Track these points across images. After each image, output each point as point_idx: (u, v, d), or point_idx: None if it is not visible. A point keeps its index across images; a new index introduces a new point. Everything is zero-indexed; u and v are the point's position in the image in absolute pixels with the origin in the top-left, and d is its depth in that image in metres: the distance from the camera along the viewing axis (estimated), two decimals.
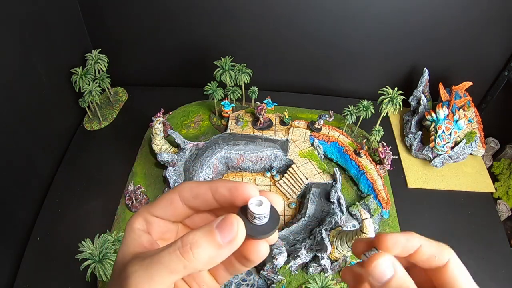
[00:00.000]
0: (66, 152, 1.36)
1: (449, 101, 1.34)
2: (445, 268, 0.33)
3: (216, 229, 0.27)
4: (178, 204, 0.31)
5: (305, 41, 1.45)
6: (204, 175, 1.22)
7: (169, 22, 1.41)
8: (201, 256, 0.26)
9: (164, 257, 0.26)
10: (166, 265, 0.26)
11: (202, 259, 0.26)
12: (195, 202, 0.31)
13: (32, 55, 1.16)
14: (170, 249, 0.26)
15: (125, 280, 0.27)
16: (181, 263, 0.26)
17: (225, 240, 0.27)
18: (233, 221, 0.27)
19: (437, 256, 0.33)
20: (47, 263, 1.09)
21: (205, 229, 0.27)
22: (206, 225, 0.28)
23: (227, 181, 0.30)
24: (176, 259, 0.26)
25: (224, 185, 0.30)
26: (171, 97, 1.52)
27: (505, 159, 1.43)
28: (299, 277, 1.08)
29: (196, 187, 0.31)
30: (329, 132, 1.37)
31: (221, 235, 0.27)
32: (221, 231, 0.27)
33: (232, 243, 0.27)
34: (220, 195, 0.30)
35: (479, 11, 1.32)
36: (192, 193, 0.31)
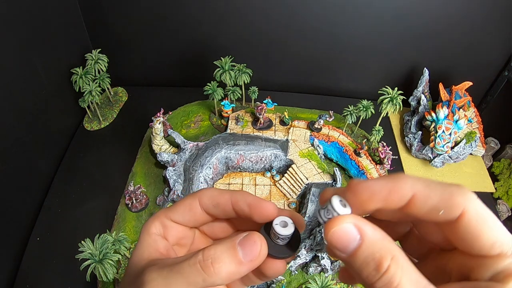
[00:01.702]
0: (66, 152, 1.36)
1: (449, 101, 1.34)
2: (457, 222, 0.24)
3: (238, 245, 0.27)
4: (198, 211, 0.31)
5: (305, 41, 1.45)
6: (204, 175, 1.22)
7: (169, 22, 1.41)
8: (221, 272, 0.26)
9: (184, 269, 0.26)
10: (185, 277, 0.26)
11: (222, 274, 0.26)
12: (215, 210, 0.30)
13: (32, 55, 1.16)
14: (191, 261, 0.26)
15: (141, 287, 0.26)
16: (201, 276, 0.26)
17: (247, 258, 0.26)
18: (256, 241, 0.27)
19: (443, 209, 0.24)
20: (47, 263, 1.09)
21: (228, 245, 0.27)
22: (229, 241, 0.27)
23: (249, 195, 0.30)
24: (196, 272, 0.26)
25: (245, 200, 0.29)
26: (171, 97, 1.52)
27: (505, 159, 1.43)
28: (299, 277, 1.08)
29: (218, 196, 0.30)
30: (329, 132, 1.37)
31: (243, 253, 0.26)
32: (243, 248, 0.26)
33: (254, 262, 0.27)
34: (240, 209, 0.30)
35: (479, 11, 1.32)
36: (213, 202, 0.30)
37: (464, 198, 0.24)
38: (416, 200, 0.24)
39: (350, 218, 0.24)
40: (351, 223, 0.24)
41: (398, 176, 0.25)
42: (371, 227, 0.24)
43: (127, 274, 0.29)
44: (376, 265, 0.23)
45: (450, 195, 0.24)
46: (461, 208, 0.23)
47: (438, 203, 0.24)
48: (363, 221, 0.24)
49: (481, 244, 0.23)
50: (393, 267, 0.23)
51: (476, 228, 0.23)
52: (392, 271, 0.22)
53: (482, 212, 0.24)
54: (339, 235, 0.24)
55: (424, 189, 0.24)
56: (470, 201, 0.24)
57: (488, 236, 0.23)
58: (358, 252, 0.24)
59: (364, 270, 0.24)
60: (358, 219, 0.25)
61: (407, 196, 0.24)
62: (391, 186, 0.24)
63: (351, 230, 0.24)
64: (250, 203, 0.29)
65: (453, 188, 0.24)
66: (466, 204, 0.23)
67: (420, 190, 0.24)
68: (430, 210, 0.24)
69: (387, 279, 0.22)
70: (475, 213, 0.23)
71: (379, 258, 0.23)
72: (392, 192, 0.24)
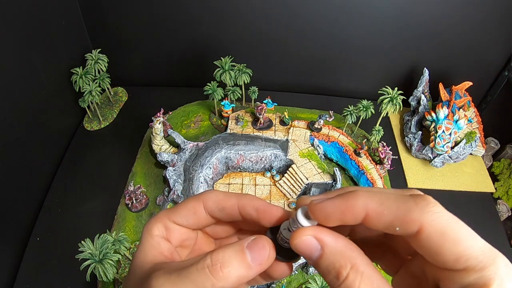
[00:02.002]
0: (66, 152, 1.36)
1: (449, 101, 1.34)
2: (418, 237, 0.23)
3: (246, 249, 0.26)
4: (202, 214, 0.30)
5: (305, 41, 1.45)
6: (204, 175, 1.22)
7: (169, 22, 1.41)
8: (231, 276, 0.26)
9: (192, 273, 0.25)
10: (194, 282, 0.25)
11: (231, 279, 0.26)
12: (220, 214, 0.30)
13: (32, 55, 1.16)
14: (199, 266, 0.26)
15: None
16: (210, 281, 0.25)
17: (256, 262, 0.26)
18: (265, 245, 0.27)
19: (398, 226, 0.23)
20: (47, 263, 1.09)
21: (236, 249, 0.26)
22: (236, 244, 0.27)
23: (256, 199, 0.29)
24: (205, 276, 0.25)
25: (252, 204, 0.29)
26: (171, 97, 1.52)
27: (505, 159, 1.43)
28: (299, 277, 1.08)
29: (224, 200, 0.30)
30: (329, 132, 1.37)
31: (252, 257, 0.26)
32: (252, 252, 0.26)
33: (263, 265, 0.27)
34: (247, 214, 0.29)
35: (479, 11, 1.32)
36: (218, 206, 0.30)
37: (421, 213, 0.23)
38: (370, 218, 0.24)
39: (311, 230, 0.26)
40: (310, 235, 0.25)
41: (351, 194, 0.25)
42: (333, 238, 0.25)
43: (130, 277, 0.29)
44: (336, 273, 0.24)
45: (405, 211, 0.23)
46: (417, 224, 0.23)
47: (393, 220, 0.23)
48: (324, 232, 0.25)
49: (444, 259, 0.23)
50: (352, 275, 0.23)
51: (437, 243, 0.23)
52: (351, 279, 0.23)
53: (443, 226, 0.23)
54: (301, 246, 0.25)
55: (378, 207, 0.24)
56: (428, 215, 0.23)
57: (450, 251, 0.23)
58: (320, 261, 0.25)
59: (326, 277, 0.25)
60: (319, 230, 0.25)
61: (360, 215, 0.24)
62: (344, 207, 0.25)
63: (311, 241, 0.25)
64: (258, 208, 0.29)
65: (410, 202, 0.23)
66: (423, 220, 0.23)
67: (373, 208, 0.24)
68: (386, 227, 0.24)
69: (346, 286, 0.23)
70: (434, 228, 0.23)
71: (339, 267, 0.24)
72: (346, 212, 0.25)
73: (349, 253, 0.24)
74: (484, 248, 0.23)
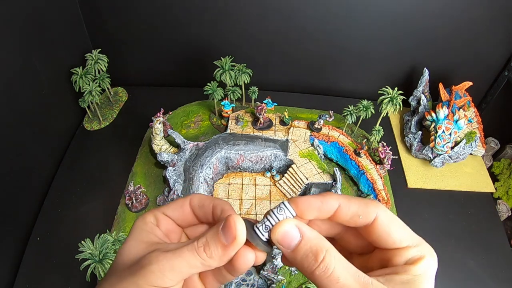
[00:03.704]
0: (66, 152, 1.36)
1: (449, 101, 1.34)
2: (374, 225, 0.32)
3: (221, 230, 0.31)
4: (187, 209, 0.36)
5: (305, 41, 1.45)
6: (204, 175, 1.22)
7: (169, 22, 1.41)
8: (213, 255, 0.31)
9: (184, 253, 0.31)
10: (186, 260, 0.30)
11: (215, 257, 0.31)
12: (199, 210, 0.35)
13: (32, 55, 1.16)
14: (189, 247, 0.31)
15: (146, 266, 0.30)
16: (198, 260, 0.31)
17: (228, 240, 0.31)
18: (230, 223, 0.31)
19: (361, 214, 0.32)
20: (47, 263, 1.09)
21: (213, 232, 0.31)
22: (214, 227, 0.32)
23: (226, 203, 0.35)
24: (194, 256, 0.30)
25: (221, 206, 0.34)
26: (171, 97, 1.52)
27: (505, 159, 1.43)
28: (299, 277, 1.08)
29: (204, 199, 0.35)
30: (329, 132, 1.37)
31: (225, 236, 0.31)
32: (224, 232, 0.31)
33: (235, 242, 0.31)
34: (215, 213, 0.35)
35: (479, 11, 1.32)
36: (199, 202, 0.35)
37: (376, 207, 0.32)
38: (341, 209, 0.32)
39: (293, 220, 0.31)
40: (293, 224, 0.31)
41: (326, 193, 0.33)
42: (309, 228, 0.31)
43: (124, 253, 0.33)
44: (314, 255, 0.29)
45: (365, 205, 0.32)
46: (374, 213, 0.32)
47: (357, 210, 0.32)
48: (302, 223, 0.31)
49: (392, 239, 0.31)
50: (328, 257, 0.29)
51: (387, 228, 0.31)
52: (327, 260, 0.29)
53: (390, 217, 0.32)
54: (283, 234, 0.31)
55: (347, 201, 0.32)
56: (381, 209, 0.32)
57: (396, 233, 0.31)
58: (299, 247, 0.30)
59: (304, 261, 0.30)
60: (298, 221, 0.31)
61: (334, 206, 0.32)
62: (322, 199, 0.32)
63: (293, 229, 0.31)
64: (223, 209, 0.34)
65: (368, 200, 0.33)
66: (378, 211, 0.32)
67: (344, 202, 0.32)
68: (352, 217, 0.32)
69: (324, 266, 0.29)
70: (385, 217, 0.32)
71: (316, 250, 0.30)
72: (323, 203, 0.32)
73: (323, 241, 0.30)
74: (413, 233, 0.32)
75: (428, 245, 0.32)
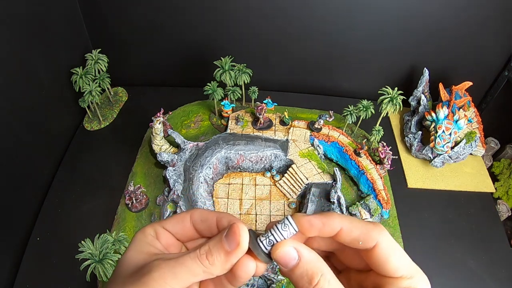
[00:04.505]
0: (66, 152, 1.36)
1: (449, 101, 1.34)
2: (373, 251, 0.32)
3: (224, 238, 0.31)
4: (187, 223, 0.35)
5: (305, 41, 1.45)
6: (204, 175, 1.22)
7: (169, 22, 1.41)
8: (215, 263, 0.31)
9: (187, 261, 0.31)
10: (188, 268, 0.31)
11: (216, 265, 0.31)
12: (201, 225, 0.35)
13: (32, 55, 1.16)
14: (191, 255, 0.31)
15: (148, 274, 0.30)
16: (200, 267, 0.31)
17: (231, 247, 0.31)
18: (235, 230, 0.31)
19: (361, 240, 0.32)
20: (47, 263, 1.09)
21: (217, 239, 0.32)
22: (218, 235, 0.32)
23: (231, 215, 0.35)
24: (196, 264, 0.31)
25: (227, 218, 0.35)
26: (171, 97, 1.52)
27: (505, 159, 1.43)
28: None
29: (207, 213, 0.35)
30: (329, 132, 1.37)
31: (228, 243, 0.31)
32: (227, 239, 0.31)
33: (238, 249, 0.31)
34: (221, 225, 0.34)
35: (479, 11, 1.32)
36: (201, 216, 0.35)
37: (378, 234, 0.32)
38: (342, 232, 0.32)
39: (292, 242, 0.31)
40: (292, 246, 0.31)
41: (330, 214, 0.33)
42: (307, 250, 0.31)
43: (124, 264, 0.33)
44: (309, 279, 0.30)
45: (367, 231, 0.32)
46: (375, 241, 0.31)
47: (358, 236, 0.32)
48: (301, 245, 0.32)
49: (388, 268, 0.31)
50: (322, 282, 0.30)
51: (385, 256, 0.31)
52: (321, 285, 0.30)
53: (390, 245, 0.32)
54: (283, 254, 0.31)
55: (349, 225, 0.32)
56: (382, 236, 0.32)
57: (394, 263, 0.31)
58: (295, 268, 0.31)
59: (299, 282, 0.31)
60: (298, 243, 0.32)
61: (336, 229, 0.32)
62: (325, 221, 0.32)
63: (291, 251, 0.31)
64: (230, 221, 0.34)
65: (370, 225, 0.32)
66: (379, 239, 0.32)
67: (346, 225, 0.32)
68: (352, 241, 0.32)
69: None
70: (385, 245, 0.32)
71: (311, 274, 0.30)
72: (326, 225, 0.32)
73: (319, 264, 0.31)
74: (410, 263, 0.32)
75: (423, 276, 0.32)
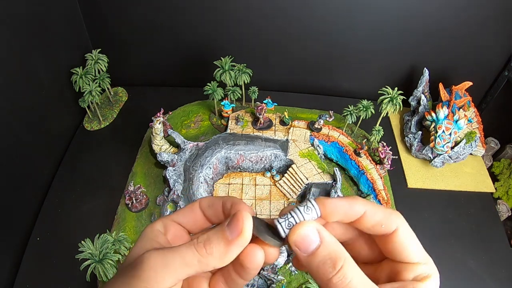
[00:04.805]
0: (66, 152, 1.36)
1: (449, 101, 1.34)
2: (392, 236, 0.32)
3: (226, 226, 0.30)
4: (197, 212, 0.35)
5: (305, 41, 1.45)
6: (204, 175, 1.22)
7: (169, 22, 1.41)
8: (213, 252, 0.29)
9: (181, 250, 0.29)
10: (182, 256, 0.29)
11: (214, 254, 0.29)
12: (209, 210, 0.35)
13: (32, 55, 1.16)
14: (187, 244, 0.30)
15: (139, 264, 0.29)
16: (196, 257, 0.29)
17: (233, 235, 0.29)
18: (238, 217, 0.29)
19: (384, 224, 0.32)
20: (47, 263, 1.09)
21: (218, 228, 0.30)
22: (220, 225, 0.31)
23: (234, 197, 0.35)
24: (191, 253, 0.29)
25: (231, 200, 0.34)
26: (171, 97, 1.52)
27: (505, 159, 1.43)
28: (299, 277, 1.08)
29: (213, 199, 0.35)
30: (329, 132, 1.37)
31: (229, 231, 0.29)
32: (229, 226, 0.30)
33: (240, 238, 0.29)
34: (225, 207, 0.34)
35: (479, 11, 1.32)
36: (209, 202, 0.35)
37: (398, 218, 0.32)
38: (366, 216, 0.32)
39: (314, 223, 0.30)
40: (314, 227, 0.30)
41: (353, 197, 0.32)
42: (329, 234, 0.30)
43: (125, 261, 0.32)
44: (333, 263, 0.29)
45: (389, 215, 0.32)
46: (396, 225, 0.32)
47: (381, 219, 0.32)
48: (322, 227, 0.30)
49: (407, 253, 0.32)
50: (346, 266, 0.28)
51: (405, 241, 0.32)
52: (345, 269, 0.28)
53: (409, 231, 0.32)
54: (304, 236, 0.29)
55: (372, 208, 0.32)
56: (402, 221, 0.32)
57: (412, 248, 0.32)
58: (317, 251, 0.29)
59: (321, 268, 0.29)
60: (319, 225, 0.30)
61: (360, 212, 0.32)
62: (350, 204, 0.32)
63: (313, 233, 0.29)
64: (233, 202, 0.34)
65: (391, 210, 0.33)
66: (399, 223, 0.32)
67: (370, 208, 0.32)
68: (375, 224, 0.32)
69: (342, 275, 0.28)
70: (404, 230, 0.32)
71: (335, 257, 0.29)
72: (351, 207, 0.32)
73: (342, 249, 0.30)
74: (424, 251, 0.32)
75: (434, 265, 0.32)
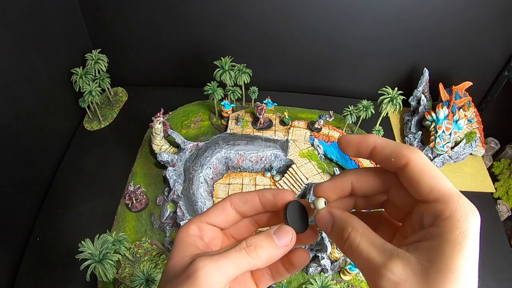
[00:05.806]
0: (66, 152, 1.36)
1: (449, 101, 1.34)
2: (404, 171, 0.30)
3: (274, 235, 0.33)
4: (229, 210, 0.37)
5: (305, 41, 1.45)
6: (204, 175, 1.22)
7: (169, 22, 1.41)
8: (263, 255, 0.32)
9: (231, 254, 0.32)
10: (233, 260, 0.31)
11: (263, 257, 0.32)
12: (244, 207, 0.37)
13: (32, 55, 1.16)
14: (237, 248, 0.32)
15: (194, 273, 0.30)
16: (246, 259, 0.32)
17: (282, 244, 0.33)
18: (288, 230, 0.34)
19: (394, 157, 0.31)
20: (47, 263, 1.09)
21: (266, 234, 0.33)
22: (265, 232, 0.34)
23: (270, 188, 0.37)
24: (242, 256, 0.32)
25: (270, 191, 0.37)
26: (171, 97, 1.52)
27: (505, 159, 1.43)
28: (299, 277, 1.08)
29: (245, 195, 0.37)
30: (329, 132, 1.37)
31: (278, 239, 0.33)
32: (278, 236, 0.33)
33: (288, 246, 0.34)
34: (266, 199, 0.36)
35: (479, 11, 1.32)
36: (242, 199, 0.37)
37: (410, 152, 0.30)
38: (376, 149, 0.32)
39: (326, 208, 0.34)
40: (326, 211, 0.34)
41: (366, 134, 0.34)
42: (339, 212, 0.33)
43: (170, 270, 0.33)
44: (341, 234, 0.32)
45: (400, 147, 0.31)
46: (406, 158, 0.30)
47: (391, 153, 0.31)
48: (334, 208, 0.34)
49: (420, 190, 0.29)
50: (353, 234, 0.31)
51: (417, 175, 0.29)
52: (352, 237, 0.31)
53: (423, 163, 0.30)
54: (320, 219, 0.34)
55: (383, 142, 0.32)
56: (414, 154, 0.30)
57: (426, 183, 0.29)
58: (332, 229, 0.33)
59: (335, 240, 0.33)
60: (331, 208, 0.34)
61: (371, 145, 0.33)
62: (361, 138, 0.33)
63: (327, 215, 0.34)
64: (273, 192, 0.36)
65: (403, 144, 0.31)
66: (411, 156, 0.30)
67: (380, 142, 0.32)
68: (386, 158, 0.32)
69: (349, 243, 0.31)
70: (417, 163, 0.30)
71: (342, 228, 0.32)
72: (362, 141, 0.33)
73: (350, 220, 0.32)
74: (451, 188, 0.29)
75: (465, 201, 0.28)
